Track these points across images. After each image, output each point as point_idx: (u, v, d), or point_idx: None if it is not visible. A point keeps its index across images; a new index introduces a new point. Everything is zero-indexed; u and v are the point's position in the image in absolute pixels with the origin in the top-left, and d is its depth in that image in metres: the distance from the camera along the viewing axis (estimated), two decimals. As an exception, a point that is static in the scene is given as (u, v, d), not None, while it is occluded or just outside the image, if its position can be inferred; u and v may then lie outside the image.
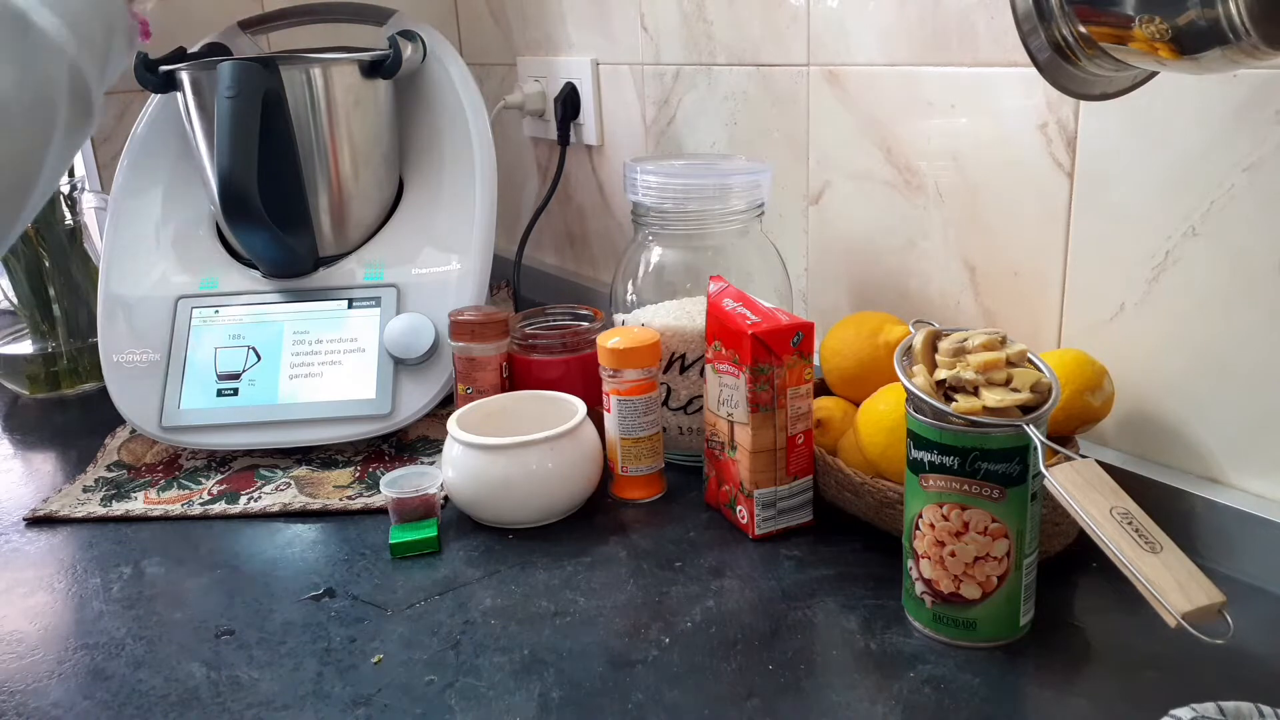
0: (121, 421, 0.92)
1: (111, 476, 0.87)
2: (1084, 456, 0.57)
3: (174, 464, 0.88)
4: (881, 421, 0.68)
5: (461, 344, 0.84)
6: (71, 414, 1.04)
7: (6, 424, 1.02)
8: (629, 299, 0.85)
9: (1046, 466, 0.53)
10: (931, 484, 0.57)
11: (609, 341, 0.76)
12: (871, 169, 0.85)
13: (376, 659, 0.60)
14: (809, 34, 0.88)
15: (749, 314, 0.70)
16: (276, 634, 0.63)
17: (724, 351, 0.71)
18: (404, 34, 0.99)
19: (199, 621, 0.65)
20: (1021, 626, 0.59)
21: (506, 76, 1.34)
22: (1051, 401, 0.56)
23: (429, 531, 0.72)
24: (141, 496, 0.83)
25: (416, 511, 0.74)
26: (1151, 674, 0.55)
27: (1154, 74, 0.56)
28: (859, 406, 0.71)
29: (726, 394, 0.72)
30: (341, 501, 0.80)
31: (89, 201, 1.09)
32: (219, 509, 0.80)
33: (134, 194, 0.97)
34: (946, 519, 0.57)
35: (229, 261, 0.95)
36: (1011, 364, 0.57)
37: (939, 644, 0.59)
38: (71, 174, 1.08)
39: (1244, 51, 0.44)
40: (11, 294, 1.07)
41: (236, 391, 0.87)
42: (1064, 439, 0.68)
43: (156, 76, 0.91)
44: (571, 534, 0.74)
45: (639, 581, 0.67)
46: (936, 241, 0.81)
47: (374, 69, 0.94)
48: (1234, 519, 0.64)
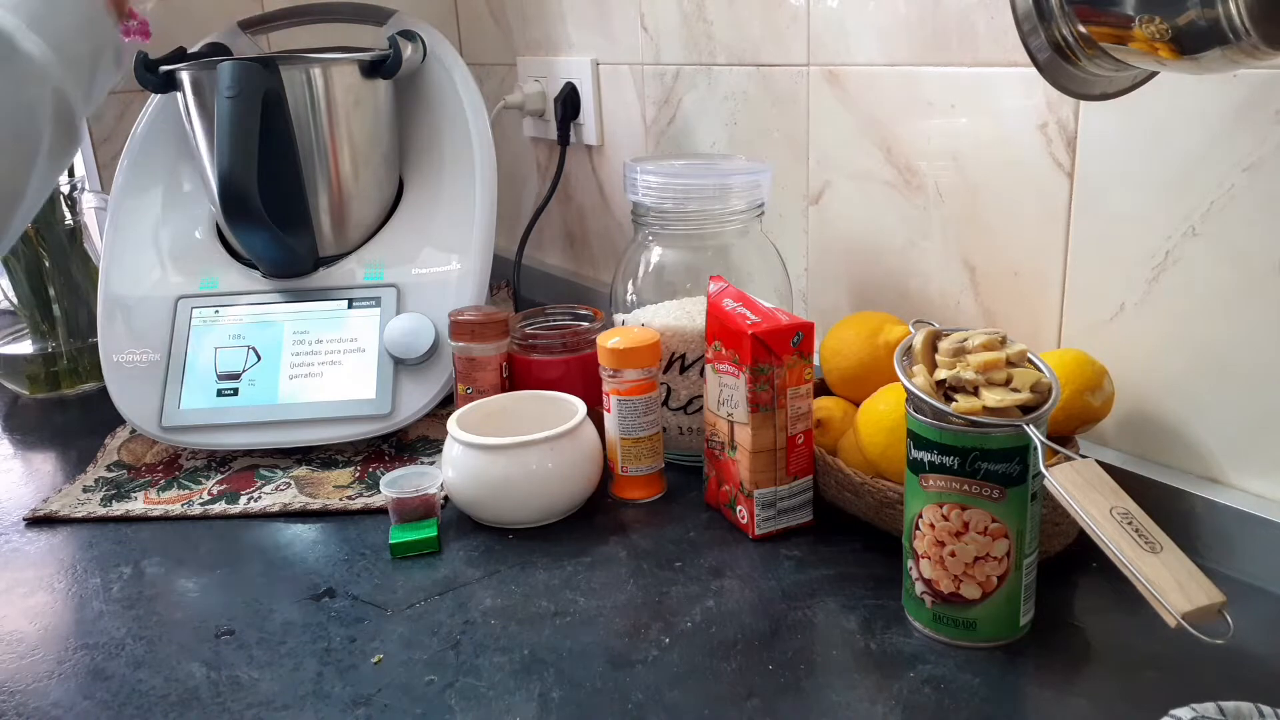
0: (121, 421, 0.92)
1: (111, 476, 0.87)
2: (1084, 456, 0.57)
3: (174, 464, 0.88)
4: (881, 421, 0.68)
5: (461, 344, 0.84)
6: (71, 414, 1.04)
7: (6, 424, 1.02)
8: (629, 299, 0.85)
9: (1046, 466, 0.53)
10: (931, 484, 0.57)
11: (609, 341, 0.76)
12: (871, 169, 0.85)
13: (376, 659, 0.60)
14: (809, 34, 0.88)
15: (749, 314, 0.70)
16: (276, 634, 0.63)
17: (724, 351, 0.71)
18: (404, 34, 0.99)
19: (199, 621, 0.65)
20: (1021, 626, 0.59)
21: (506, 76, 1.34)
22: (1051, 401, 0.56)
23: (429, 531, 0.72)
24: (141, 496, 0.83)
25: (416, 511, 0.74)
26: (1151, 674, 0.55)
27: (1154, 74, 0.56)
28: (859, 406, 0.71)
29: (726, 394, 0.72)
30: (341, 501, 0.80)
31: (89, 201, 1.09)
32: (219, 509, 0.80)
33: (134, 194, 0.97)
34: (946, 519, 0.57)
35: (229, 261, 0.95)
36: (1011, 364, 0.57)
37: (939, 644, 0.59)
38: (71, 174, 1.08)
39: (1244, 51, 0.44)
40: (11, 294, 1.07)
41: (236, 391, 0.87)
42: (1064, 439, 0.68)
43: (156, 76, 0.91)
44: (571, 534, 0.74)
45: (639, 581, 0.67)
46: (936, 241, 0.81)
47: (374, 69, 0.94)
48: (1234, 519, 0.64)
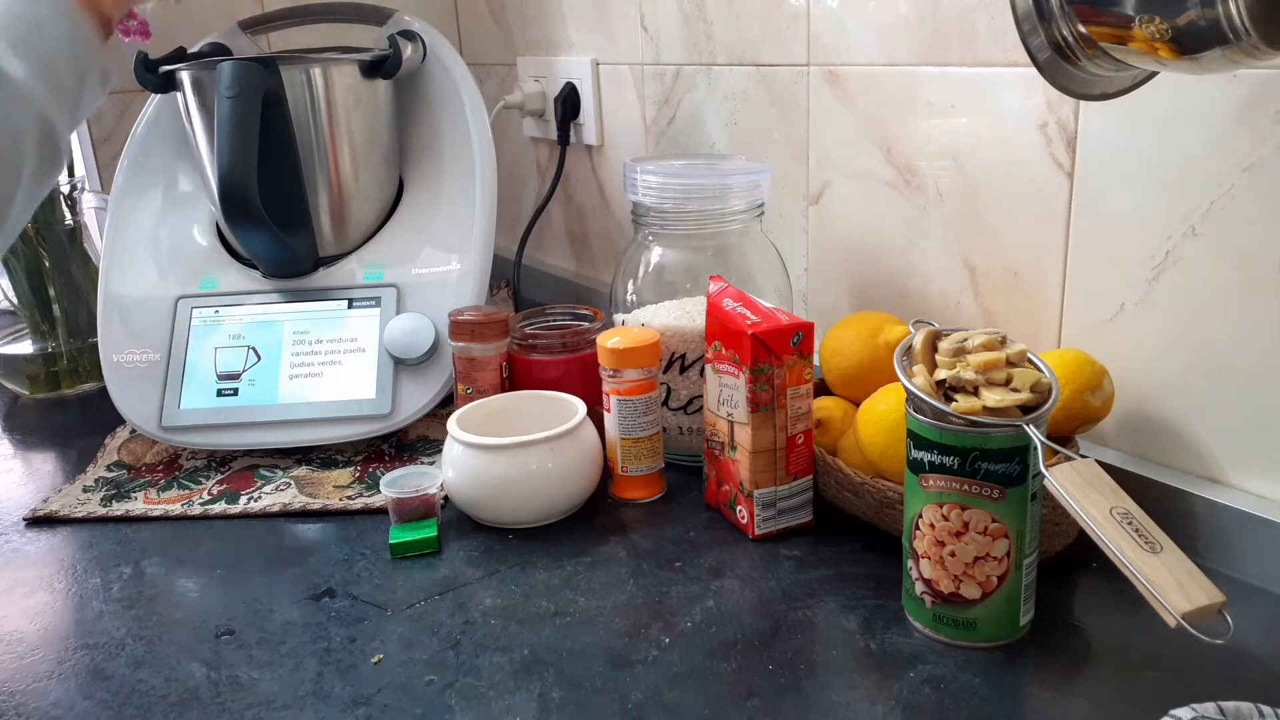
0: (121, 421, 0.92)
1: (111, 476, 0.87)
2: (1084, 456, 0.57)
3: (174, 464, 0.88)
4: (881, 421, 0.68)
5: (461, 344, 0.84)
6: (71, 414, 1.04)
7: (6, 424, 1.02)
8: (629, 299, 0.85)
9: (1046, 466, 0.53)
10: (931, 484, 0.57)
11: (609, 341, 0.76)
12: (871, 169, 0.85)
13: (376, 659, 0.60)
14: (809, 34, 0.88)
15: (749, 314, 0.70)
16: (276, 634, 0.63)
17: (724, 351, 0.71)
18: (404, 34, 0.99)
19: (199, 621, 0.65)
20: (1021, 626, 0.59)
21: (506, 76, 1.34)
22: (1051, 401, 0.56)
23: (429, 531, 0.72)
24: (141, 496, 0.83)
25: (416, 511, 0.74)
26: (1151, 674, 0.55)
27: (1154, 74, 0.56)
28: (859, 406, 0.71)
29: (726, 394, 0.72)
30: (341, 501, 0.80)
31: (89, 201, 1.09)
32: (219, 509, 0.80)
33: (134, 194, 0.97)
34: (946, 519, 0.57)
35: (229, 261, 0.95)
36: (1011, 364, 0.57)
37: (939, 644, 0.59)
38: (71, 174, 1.08)
39: (1244, 51, 0.44)
40: (11, 294, 1.07)
41: (236, 391, 0.87)
42: (1064, 439, 0.68)
43: (156, 76, 0.91)
44: (571, 534, 0.74)
45: (639, 581, 0.67)
46: (936, 241, 0.81)
47: (374, 69, 0.94)
48: (1234, 519, 0.64)
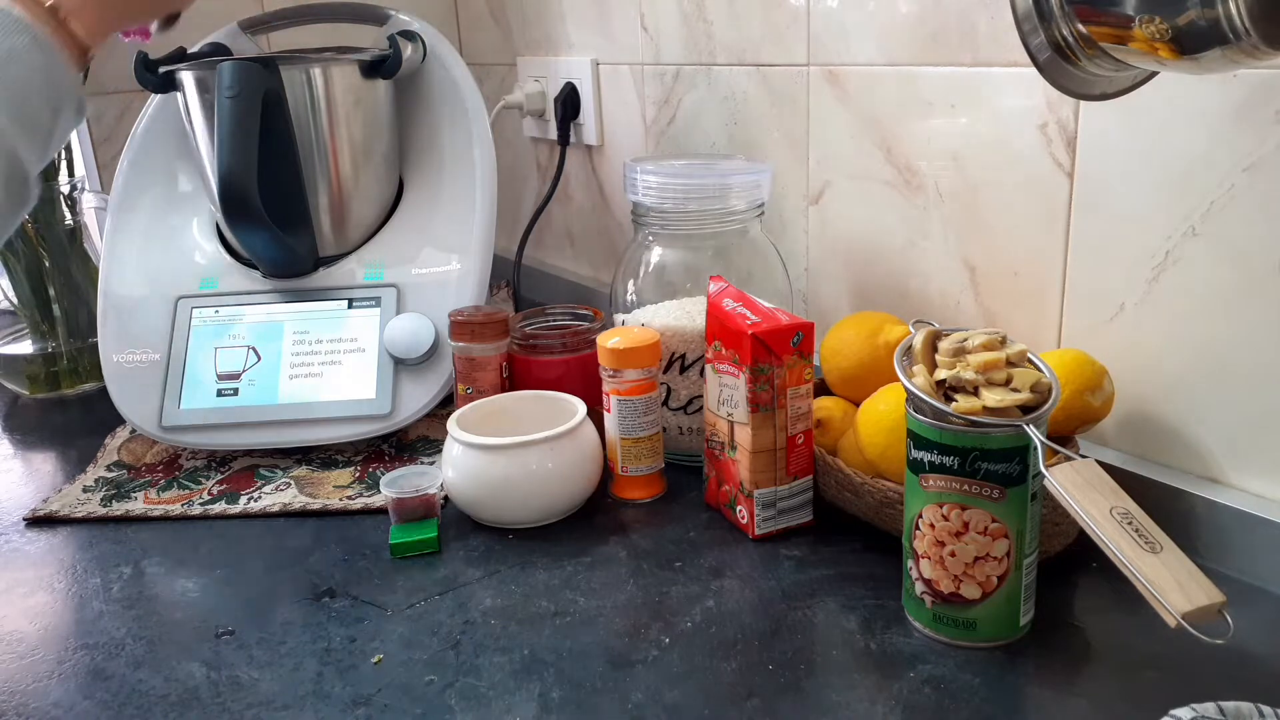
0: (121, 421, 0.92)
1: (111, 476, 0.87)
2: (1084, 456, 0.57)
3: (174, 464, 0.88)
4: (881, 421, 0.68)
5: (461, 344, 0.84)
6: (71, 414, 1.04)
7: (6, 424, 1.02)
8: (629, 299, 0.85)
9: (1046, 466, 0.53)
10: (931, 484, 0.57)
11: (609, 341, 0.76)
12: (871, 169, 0.85)
13: (376, 659, 0.60)
14: (809, 34, 0.88)
15: (749, 314, 0.70)
16: (276, 634, 0.63)
17: (724, 351, 0.71)
18: (404, 34, 0.99)
19: (199, 621, 0.65)
20: (1021, 626, 0.59)
21: (506, 76, 1.34)
22: (1051, 401, 0.56)
23: (429, 531, 0.72)
24: (141, 496, 0.83)
25: (416, 511, 0.74)
26: (1151, 674, 0.55)
27: (1154, 74, 0.56)
28: (859, 406, 0.71)
29: (726, 394, 0.72)
30: (341, 501, 0.80)
31: (89, 201, 1.09)
32: (219, 509, 0.80)
33: (134, 194, 0.97)
34: (946, 519, 0.57)
35: (229, 261, 0.95)
36: (1011, 364, 0.57)
37: (939, 644, 0.59)
38: (72, 174, 1.08)
39: (1244, 51, 0.44)
40: (11, 294, 1.07)
41: (236, 391, 0.87)
42: (1064, 439, 0.68)
43: (156, 76, 0.91)
44: (571, 534, 0.74)
45: (639, 581, 0.67)
46: (936, 241, 0.81)
47: (374, 69, 0.94)
48: (1234, 519, 0.64)
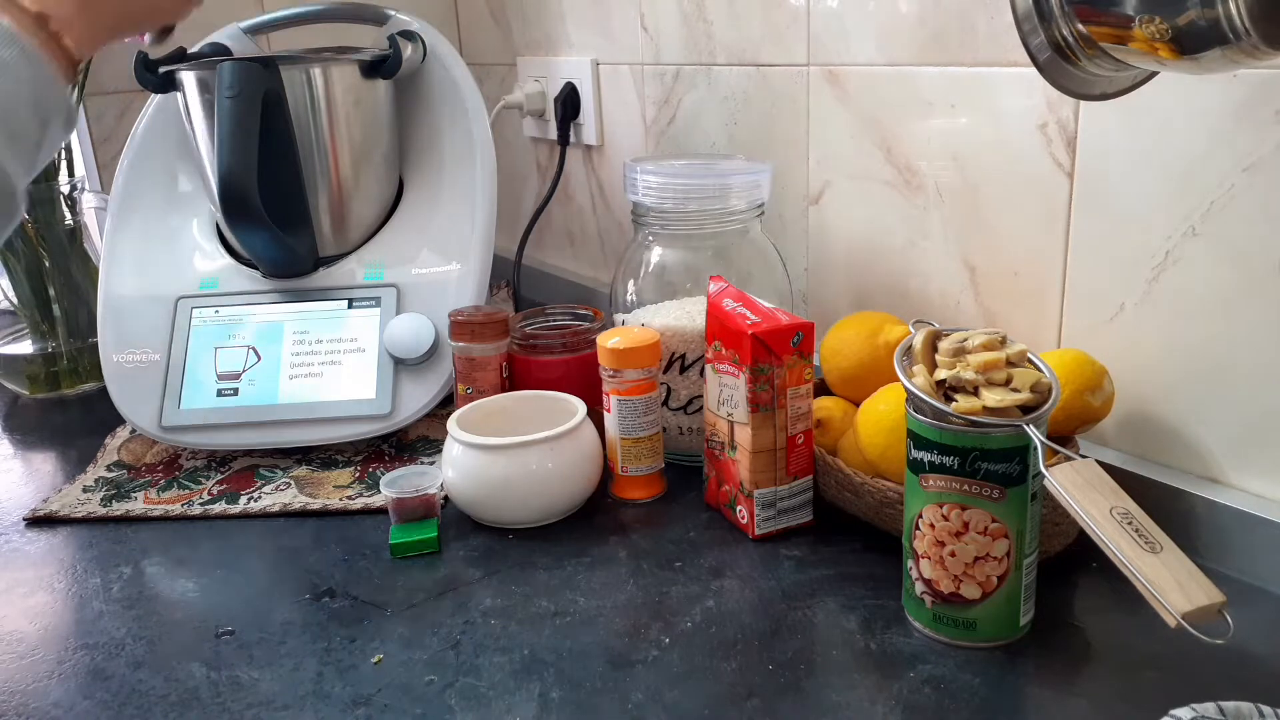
0: (121, 421, 0.92)
1: (111, 476, 0.87)
2: (1084, 456, 0.57)
3: (174, 464, 0.88)
4: (881, 421, 0.68)
5: (461, 344, 0.84)
6: (71, 414, 1.04)
7: (6, 424, 1.02)
8: (629, 299, 0.85)
9: (1046, 466, 0.53)
10: (931, 484, 0.57)
11: (609, 341, 0.76)
12: (871, 169, 0.85)
13: (376, 659, 0.60)
14: (809, 34, 0.88)
15: (749, 314, 0.70)
16: (276, 634, 0.63)
17: (724, 351, 0.71)
18: (404, 34, 0.99)
19: (199, 621, 0.65)
20: (1021, 626, 0.59)
21: (506, 76, 1.34)
22: (1051, 401, 0.56)
23: (429, 532, 0.72)
24: (141, 496, 0.83)
25: (416, 511, 0.74)
26: (1151, 674, 0.55)
27: (1154, 74, 0.56)
28: (859, 406, 0.71)
29: (726, 394, 0.72)
30: (341, 501, 0.80)
31: (89, 201, 1.09)
32: (219, 509, 0.80)
33: (134, 194, 0.97)
34: (946, 519, 0.57)
35: (229, 261, 0.95)
36: (1011, 364, 0.57)
37: (939, 644, 0.59)
38: (72, 174, 1.08)
39: (1244, 51, 0.44)
40: (11, 294, 1.07)
41: (236, 391, 0.87)
42: (1064, 439, 0.68)
43: (156, 76, 0.91)
44: (571, 534, 0.74)
45: (639, 581, 0.67)
46: (936, 241, 0.81)
47: (374, 69, 0.94)
48: (1234, 519, 0.64)
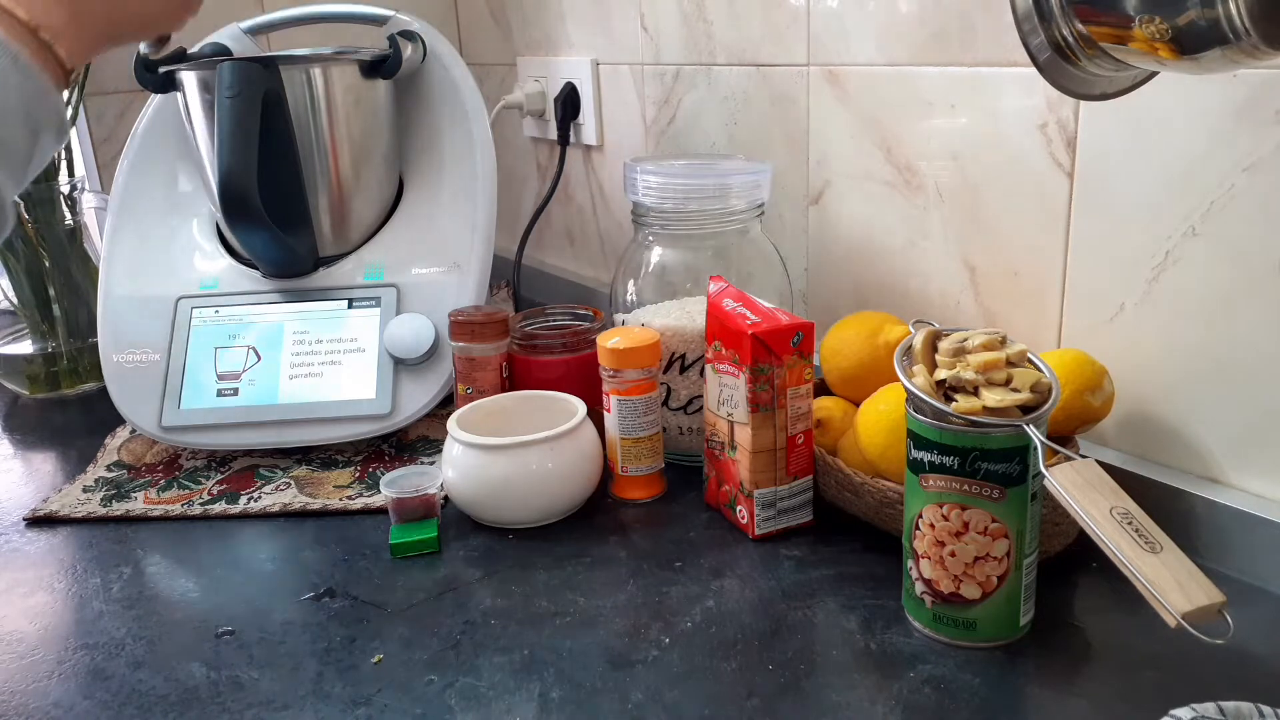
0: (121, 421, 0.92)
1: (111, 476, 0.87)
2: (1084, 456, 0.57)
3: (174, 464, 0.88)
4: (881, 421, 0.68)
5: (461, 344, 0.84)
6: (71, 414, 1.04)
7: (6, 424, 1.02)
8: (629, 299, 0.85)
9: (1046, 466, 0.53)
10: (931, 484, 0.57)
11: (609, 341, 0.76)
12: (871, 169, 0.85)
13: (376, 659, 0.60)
14: (809, 34, 0.88)
15: (749, 314, 0.70)
16: (276, 634, 0.63)
17: (724, 351, 0.71)
18: (404, 34, 0.99)
19: (199, 621, 0.65)
20: (1021, 626, 0.59)
21: (506, 76, 1.34)
22: (1051, 401, 0.56)
23: (429, 532, 0.72)
24: (141, 496, 0.83)
25: (416, 511, 0.74)
26: (1151, 674, 0.55)
27: (1154, 74, 0.56)
28: (859, 406, 0.71)
29: (726, 394, 0.72)
30: (341, 501, 0.80)
31: (89, 201, 1.09)
32: (219, 509, 0.80)
33: (134, 194, 0.97)
34: (946, 519, 0.57)
35: (229, 261, 0.95)
36: (1011, 364, 0.57)
37: (939, 644, 0.59)
38: (72, 174, 1.08)
39: (1244, 51, 0.44)
40: (11, 294, 1.07)
41: (236, 391, 0.87)
42: (1064, 439, 0.68)
43: (156, 76, 0.91)
44: (571, 534, 0.74)
45: (639, 581, 0.67)
46: (936, 241, 0.81)
47: (374, 69, 0.94)
48: (1234, 519, 0.64)
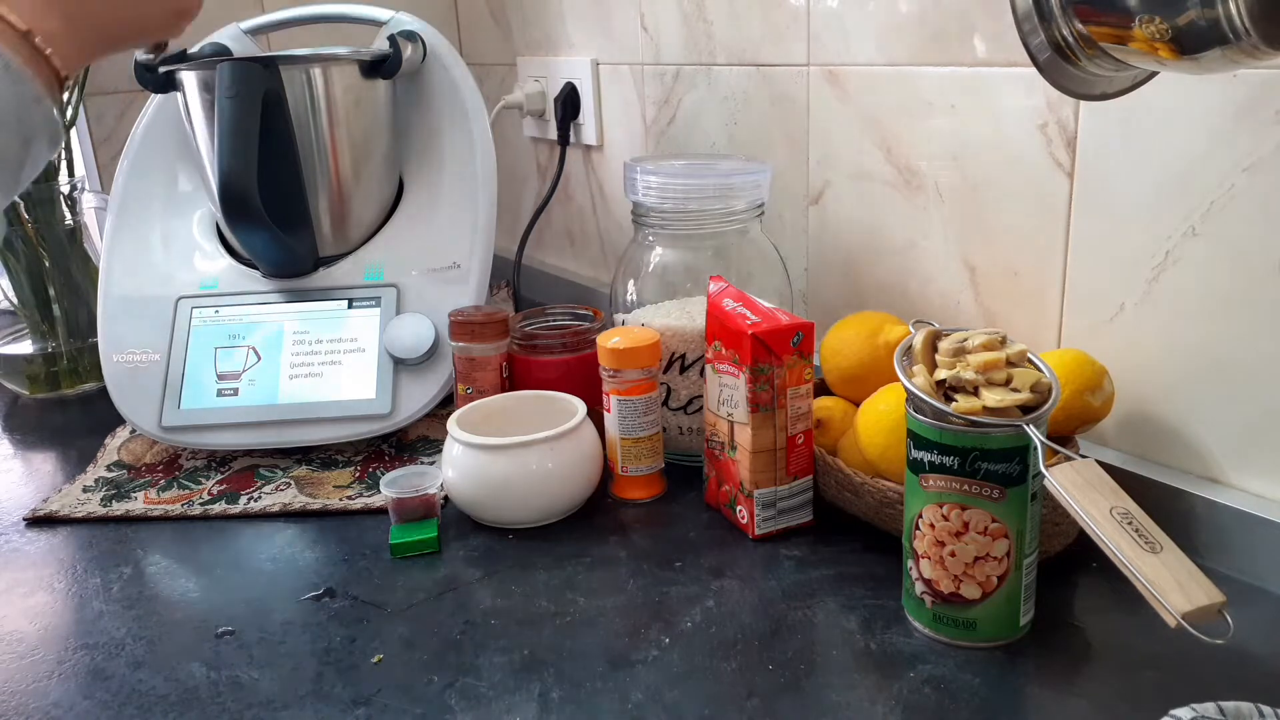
0: (121, 421, 0.92)
1: (111, 476, 0.87)
2: (1084, 456, 0.57)
3: (174, 464, 0.88)
4: (881, 421, 0.68)
5: (461, 344, 0.84)
6: (71, 414, 1.04)
7: (6, 424, 1.02)
8: (629, 299, 0.85)
9: (1046, 466, 0.53)
10: (931, 484, 0.57)
11: (609, 341, 0.76)
12: (871, 169, 0.85)
13: (376, 659, 0.60)
14: (809, 34, 0.88)
15: (749, 314, 0.70)
16: (276, 634, 0.63)
17: (724, 351, 0.71)
18: (404, 34, 0.99)
19: (199, 621, 0.65)
20: (1021, 626, 0.59)
21: (506, 76, 1.34)
22: (1051, 401, 0.56)
23: (429, 532, 0.72)
24: (141, 496, 0.83)
25: (416, 511, 0.74)
26: (1151, 674, 0.55)
27: (1154, 74, 0.56)
28: (859, 406, 0.71)
29: (726, 394, 0.72)
30: (341, 501, 0.80)
31: (89, 201, 1.09)
32: (219, 509, 0.80)
33: (134, 194, 0.97)
34: (946, 519, 0.57)
35: (229, 261, 0.95)
36: (1011, 364, 0.57)
37: (939, 644, 0.59)
38: (72, 174, 1.08)
39: (1244, 51, 0.44)
40: (11, 294, 1.07)
41: (236, 391, 0.87)
42: (1064, 439, 0.68)
43: (156, 76, 0.91)
44: (571, 534, 0.74)
45: (639, 582, 0.67)
46: (936, 241, 0.81)
47: (374, 69, 0.94)
48: (1234, 519, 0.64)
